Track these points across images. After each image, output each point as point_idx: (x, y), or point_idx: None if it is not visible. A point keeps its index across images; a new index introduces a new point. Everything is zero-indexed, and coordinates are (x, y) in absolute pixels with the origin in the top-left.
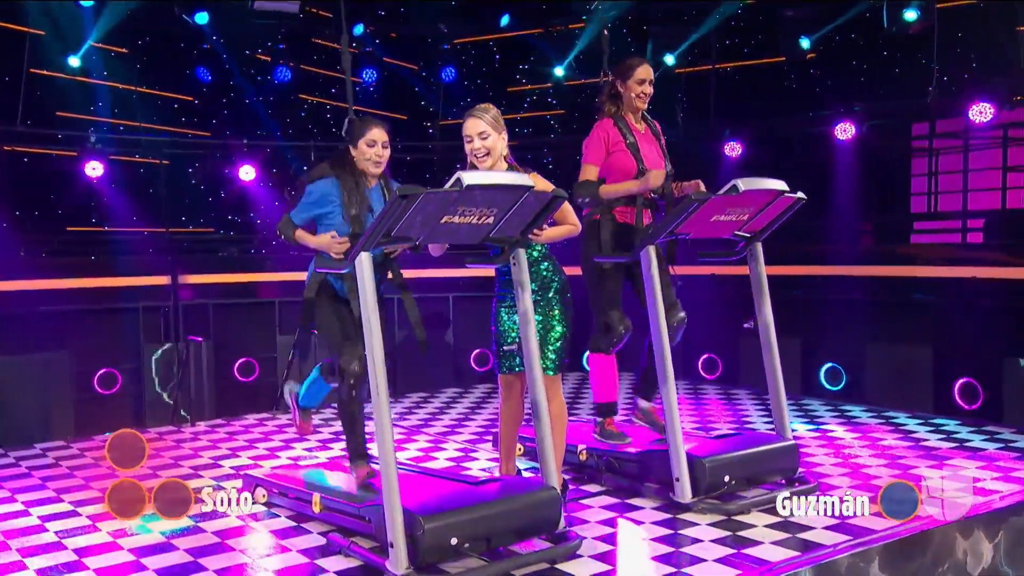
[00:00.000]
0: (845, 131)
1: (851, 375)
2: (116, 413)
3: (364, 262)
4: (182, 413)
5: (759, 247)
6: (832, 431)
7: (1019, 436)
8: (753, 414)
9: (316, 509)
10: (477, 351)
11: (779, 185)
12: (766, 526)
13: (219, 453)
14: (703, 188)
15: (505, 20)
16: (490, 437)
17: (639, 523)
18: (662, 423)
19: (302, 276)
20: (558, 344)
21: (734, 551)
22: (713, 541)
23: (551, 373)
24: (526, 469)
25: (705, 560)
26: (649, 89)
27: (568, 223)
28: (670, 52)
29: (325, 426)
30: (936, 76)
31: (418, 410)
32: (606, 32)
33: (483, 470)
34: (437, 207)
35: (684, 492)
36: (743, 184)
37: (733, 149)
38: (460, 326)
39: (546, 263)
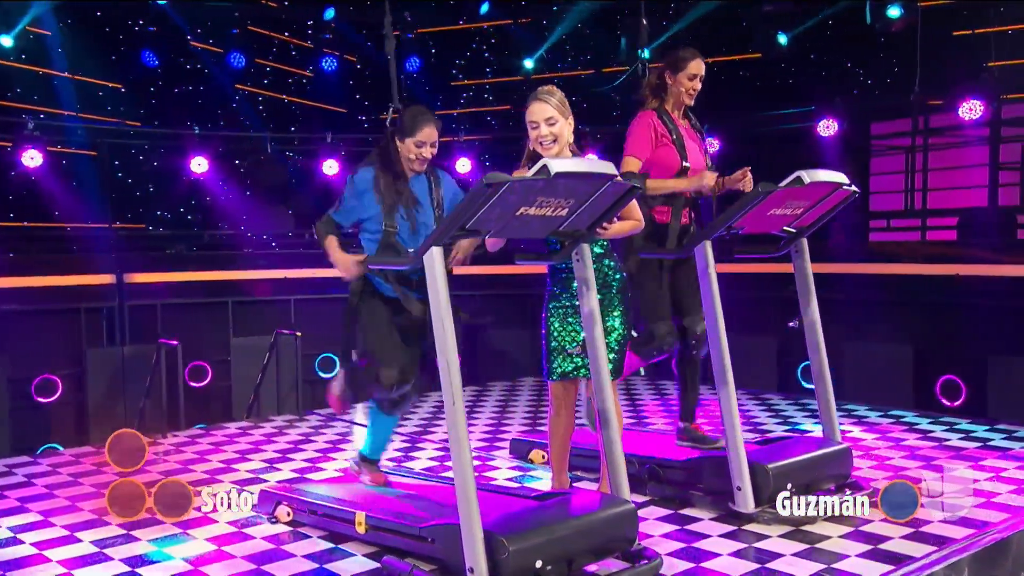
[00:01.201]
0: (828, 127)
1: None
2: (58, 424)
3: (436, 257)
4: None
5: (805, 243)
6: (847, 431)
7: None
8: (760, 415)
9: (361, 529)
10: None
11: (840, 178)
12: (841, 537)
13: (211, 466)
14: (750, 178)
15: (484, 8)
16: (504, 444)
17: (705, 536)
18: (705, 436)
19: (259, 274)
20: (618, 346)
21: (824, 566)
22: (795, 555)
23: (612, 377)
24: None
25: None
26: (699, 85)
27: (633, 218)
28: (645, 46)
29: (317, 435)
30: (919, 74)
31: (411, 415)
32: (644, 22)
33: (509, 480)
34: (519, 197)
35: (747, 502)
36: (807, 176)
37: (711, 145)
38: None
39: (608, 260)
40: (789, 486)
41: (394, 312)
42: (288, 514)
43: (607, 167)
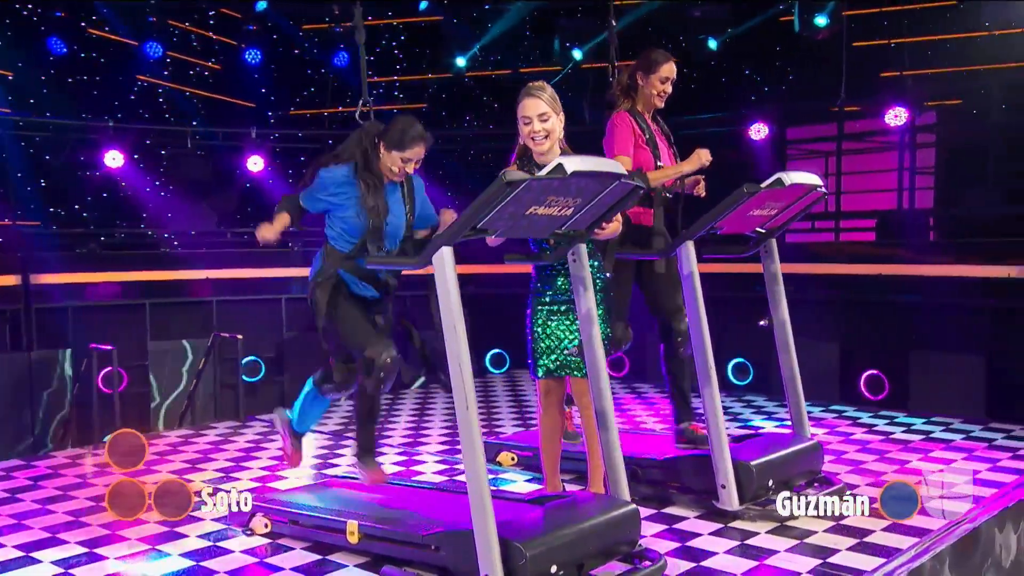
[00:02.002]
0: (759, 131)
1: (759, 370)
2: None
3: (446, 258)
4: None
5: (774, 243)
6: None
7: (973, 425)
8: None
9: (354, 539)
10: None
11: (814, 180)
12: (826, 532)
13: (160, 478)
14: (703, 184)
15: (424, 4)
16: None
17: (696, 534)
18: (705, 435)
19: (177, 275)
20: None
21: (820, 561)
22: (788, 551)
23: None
24: (527, 480)
25: (800, 573)
26: (669, 88)
27: (617, 219)
28: (577, 47)
29: (267, 441)
30: (844, 81)
31: (328, 417)
32: (613, 23)
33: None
34: (534, 195)
35: (731, 499)
36: (787, 178)
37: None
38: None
39: (593, 260)
40: (770, 482)
41: (367, 307)
42: (266, 525)
43: (617, 166)
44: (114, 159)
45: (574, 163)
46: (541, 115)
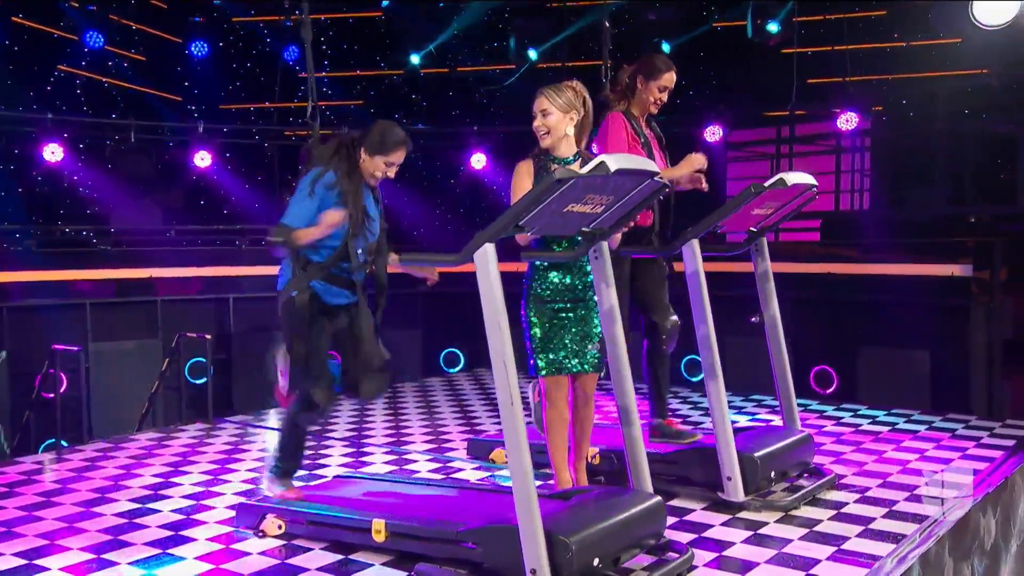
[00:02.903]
0: (714, 133)
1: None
2: None
3: (490, 255)
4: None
5: (765, 242)
6: (769, 420)
7: (933, 416)
8: (680, 408)
9: (380, 538)
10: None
11: (811, 179)
12: (831, 520)
13: (147, 481)
14: (704, 184)
15: (385, 2)
16: (449, 446)
17: (708, 525)
18: (680, 431)
19: (119, 273)
20: (602, 344)
21: (835, 548)
22: (802, 539)
23: (597, 371)
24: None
25: (820, 560)
26: (666, 97)
27: None
28: (533, 47)
29: (245, 443)
30: (796, 87)
31: (335, 417)
32: (607, 24)
33: (481, 481)
34: (576, 193)
35: (737, 491)
36: (789, 178)
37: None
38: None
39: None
40: (772, 474)
41: (328, 322)
42: (280, 527)
43: (651, 164)
44: (53, 153)
45: (617, 161)
46: (543, 111)
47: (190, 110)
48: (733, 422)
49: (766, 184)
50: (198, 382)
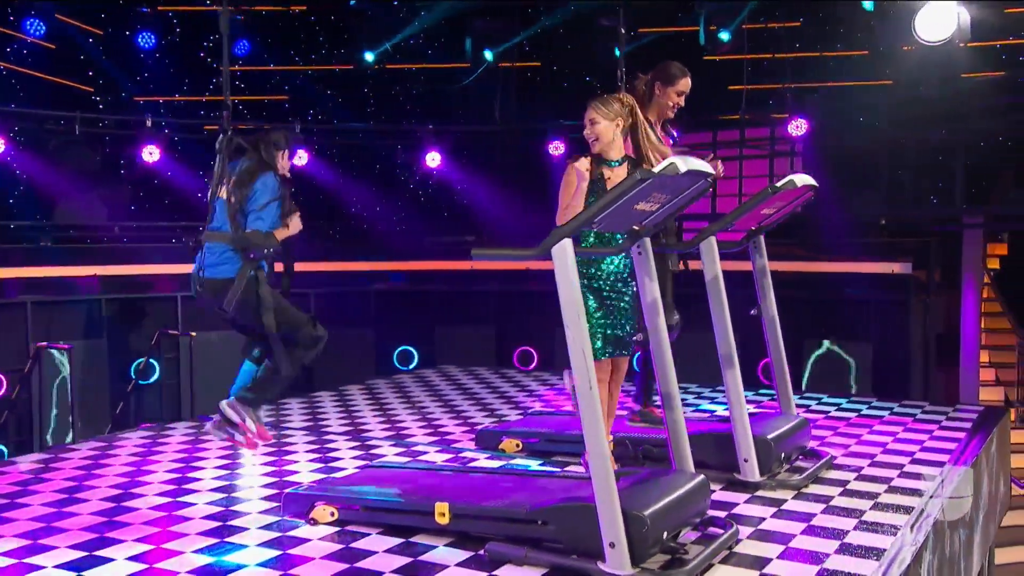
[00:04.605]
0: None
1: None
2: None
3: (568, 249)
4: None
5: (762, 240)
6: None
7: (891, 402)
8: None
9: (444, 520)
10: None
11: (812, 180)
12: (841, 495)
13: (166, 476)
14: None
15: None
16: (464, 435)
17: (732, 504)
18: (659, 417)
19: (61, 271)
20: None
21: (857, 520)
22: (824, 513)
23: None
24: (542, 464)
25: (848, 530)
26: (683, 102)
27: None
28: (489, 48)
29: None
30: (745, 93)
31: (330, 409)
32: (623, 30)
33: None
34: (647, 191)
35: (753, 471)
36: (798, 179)
37: (557, 148)
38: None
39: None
40: (782, 455)
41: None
42: (333, 514)
43: (707, 166)
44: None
45: (686, 163)
46: (592, 120)
47: (136, 101)
48: (711, 412)
49: (778, 185)
50: (144, 383)
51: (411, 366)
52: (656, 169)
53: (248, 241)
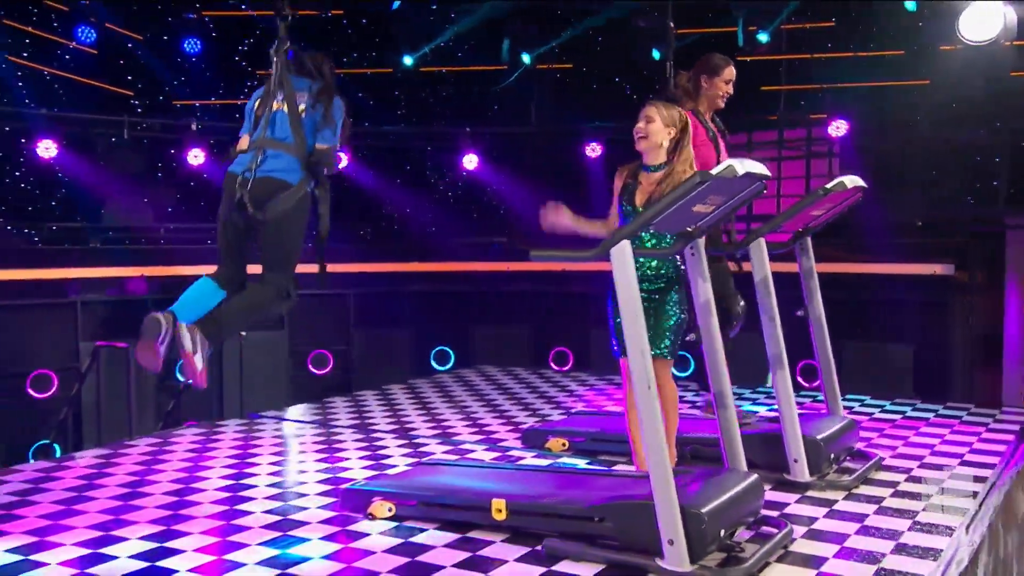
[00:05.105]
0: None
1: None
2: None
3: (626, 251)
4: None
5: (809, 241)
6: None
7: (936, 405)
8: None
9: (501, 516)
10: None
11: (861, 181)
12: (892, 496)
13: (239, 469)
14: None
15: (395, 4)
16: (509, 434)
17: (784, 503)
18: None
19: (109, 271)
20: (673, 333)
21: (909, 521)
22: (877, 514)
23: (668, 357)
24: (589, 463)
25: (902, 531)
26: (731, 89)
27: None
28: (526, 51)
29: (308, 433)
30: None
31: (375, 408)
32: (672, 25)
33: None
34: (705, 193)
35: (803, 472)
36: (849, 181)
37: (594, 150)
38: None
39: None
40: (832, 456)
41: None
42: (390, 509)
43: (764, 168)
44: (47, 149)
45: (743, 165)
46: (648, 117)
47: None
48: (755, 412)
49: (828, 186)
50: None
51: (448, 366)
52: (714, 171)
53: (327, 155)
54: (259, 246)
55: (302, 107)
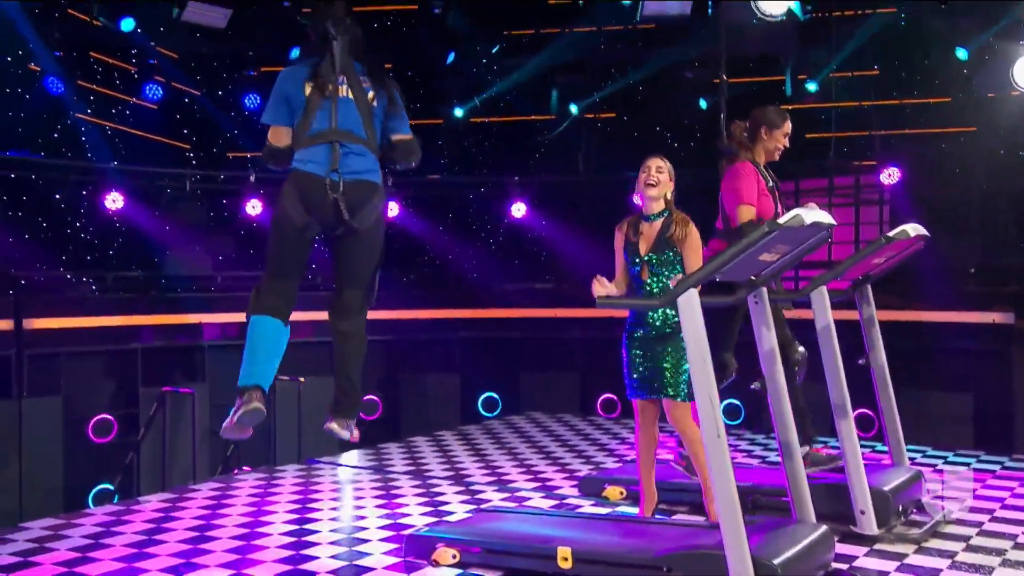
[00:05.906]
0: None
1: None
2: None
3: (694, 300)
4: None
5: (869, 289)
6: None
7: (1001, 456)
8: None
9: (567, 564)
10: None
11: (923, 230)
12: (964, 551)
13: (303, 515)
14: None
15: (451, 58)
16: (565, 481)
17: (852, 557)
18: (828, 456)
19: (170, 319)
20: (685, 373)
21: None
22: (950, 568)
23: (685, 399)
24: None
25: None
26: (787, 143)
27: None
28: (574, 102)
29: (367, 480)
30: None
31: (428, 454)
32: (725, 76)
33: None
34: (771, 243)
35: (871, 524)
36: (912, 229)
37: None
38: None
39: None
40: (899, 508)
41: None
42: (454, 556)
43: (830, 218)
44: (114, 201)
45: (810, 215)
46: (659, 167)
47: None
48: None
49: (891, 234)
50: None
51: (495, 412)
52: (782, 220)
53: (412, 146)
54: (342, 261)
55: (371, 94)
